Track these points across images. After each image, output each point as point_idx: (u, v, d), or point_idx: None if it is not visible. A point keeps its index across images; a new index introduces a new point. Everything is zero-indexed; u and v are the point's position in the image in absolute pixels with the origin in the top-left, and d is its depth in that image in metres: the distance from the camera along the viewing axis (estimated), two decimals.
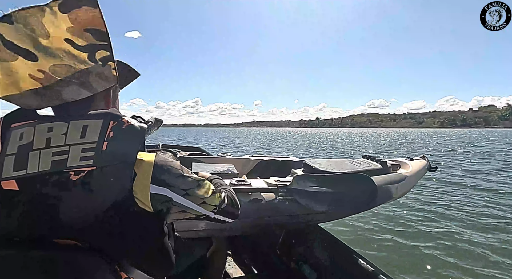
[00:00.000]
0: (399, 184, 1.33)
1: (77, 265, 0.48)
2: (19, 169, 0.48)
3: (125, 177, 0.49)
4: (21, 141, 0.49)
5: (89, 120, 0.51)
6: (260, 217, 1.04)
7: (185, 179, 0.57)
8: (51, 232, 0.49)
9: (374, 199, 1.14)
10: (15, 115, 0.53)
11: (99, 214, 0.48)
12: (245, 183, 1.07)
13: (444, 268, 2.59)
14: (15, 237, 0.50)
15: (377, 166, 1.40)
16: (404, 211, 4.16)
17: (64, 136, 0.49)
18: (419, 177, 1.62)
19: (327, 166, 1.31)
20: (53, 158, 0.48)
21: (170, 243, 0.65)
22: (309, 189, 1.06)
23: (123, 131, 0.52)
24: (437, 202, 4.64)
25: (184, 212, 0.58)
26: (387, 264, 2.64)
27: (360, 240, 3.21)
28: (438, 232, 3.40)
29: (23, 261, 0.47)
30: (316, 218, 1.18)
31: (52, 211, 0.48)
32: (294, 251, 1.42)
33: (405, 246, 3.03)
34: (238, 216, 0.71)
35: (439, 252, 2.87)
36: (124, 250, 0.53)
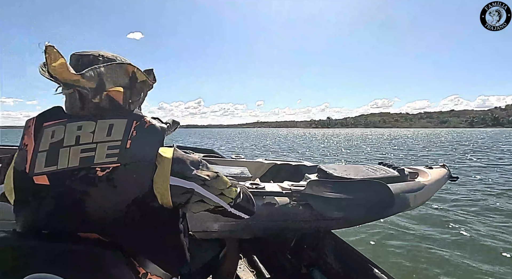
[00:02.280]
0: (417, 192, 1.29)
1: (98, 258, 0.50)
2: (50, 164, 0.51)
3: (147, 174, 0.52)
4: (53, 139, 0.53)
5: (115, 120, 0.54)
6: (273, 220, 1.04)
7: (203, 171, 0.59)
8: (76, 225, 0.52)
9: (391, 207, 1.11)
10: (47, 115, 0.57)
11: (122, 209, 0.51)
12: (259, 186, 1.07)
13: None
14: (43, 230, 0.53)
15: (394, 174, 1.37)
16: (423, 221, 4.00)
17: (92, 134, 0.52)
18: (438, 186, 1.56)
19: (342, 171, 1.29)
20: (81, 155, 0.51)
21: (185, 241, 0.67)
22: (324, 195, 1.05)
23: (145, 130, 0.54)
24: (460, 211, 4.42)
25: (202, 202, 0.59)
26: (403, 275, 2.55)
27: (375, 248, 3.11)
28: (460, 243, 3.24)
29: (49, 253, 0.50)
30: (330, 224, 1.16)
31: (79, 205, 0.50)
32: (305, 256, 1.40)
33: (422, 257, 2.90)
34: (253, 212, 0.72)
35: (460, 265, 2.72)
36: (142, 245, 0.55)
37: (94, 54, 0.58)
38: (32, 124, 0.55)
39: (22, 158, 0.53)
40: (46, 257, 0.49)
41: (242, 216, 0.68)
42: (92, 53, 0.58)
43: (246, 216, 0.69)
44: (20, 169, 0.53)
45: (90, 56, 0.57)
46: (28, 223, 0.54)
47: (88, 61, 0.56)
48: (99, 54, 0.58)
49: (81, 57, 0.57)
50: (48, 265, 0.49)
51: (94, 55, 0.57)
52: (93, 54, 0.58)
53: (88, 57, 0.57)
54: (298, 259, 1.46)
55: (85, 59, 0.56)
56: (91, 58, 0.57)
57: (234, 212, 0.66)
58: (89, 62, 0.56)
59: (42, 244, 0.51)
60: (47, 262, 0.49)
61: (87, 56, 0.57)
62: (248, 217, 0.70)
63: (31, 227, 0.54)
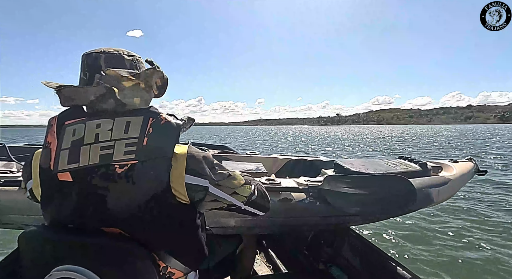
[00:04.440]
0: (441, 187, 1.23)
1: (124, 251, 0.52)
2: (72, 162, 0.53)
3: (164, 170, 0.52)
4: (74, 137, 0.54)
5: (131, 117, 0.55)
6: (290, 216, 1.03)
7: (217, 169, 0.59)
8: (99, 220, 0.53)
9: (412, 203, 1.07)
10: (68, 114, 0.59)
11: (141, 204, 0.52)
12: (275, 182, 1.06)
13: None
14: (68, 224, 0.55)
15: (415, 168, 1.31)
16: (448, 217, 3.82)
17: (110, 132, 0.53)
18: (464, 180, 1.48)
19: (360, 166, 1.25)
20: (101, 152, 0.52)
21: (203, 235, 0.67)
22: (341, 190, 1.02)
23: (161, 127, 0.55)
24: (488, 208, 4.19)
25: (216, 201, 0.60)
26: (426, 274, 2.45)
27: (396, 245, 3.02)
28: (487, 241, 3.07)
29: (77, 245, 0.52)
30: (348, 220, 1.13)
31: (100, 201, 0.52)
32: (322, 252, 1.39)
33: (446, 255, 2.78)
34: (268, 209, 0.71)
35: (486, 264, 2.59)
36: (162, 239, 0.56)
37: (119, 51, 0.61)
38: (54, 123, 0.57)
39: (46, 156, 0.55)
40: (75, 249, 0.52)
41: (257, 213, 0.68)
42: (116, 50, 0.61)
43: (261, 213, 0.69)
44: (45, 166, 0.55)
45: (115, 54, 0.60)
46: (54, 218, 0.56)
47: (116, 59, 0.59)
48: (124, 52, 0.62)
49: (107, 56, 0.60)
50: (76, 257, 0.51)
51: (119, 54, 0.61)
52: (118, 51, 0.61)
53: (113, 55, 0.60)
54: (316, 255, 1.44)
55: (111, 58, 0.59)
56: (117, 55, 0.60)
57: (248, 209, 0.66)
58: (116, 61, 0.59)
59: (70, 237, 0.53)
60: (76, 254, 0.51)
61: (112, 54, 0.60)
62: (263, 213, 0.70)
63: (56, 222, 0.56)
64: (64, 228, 0.55)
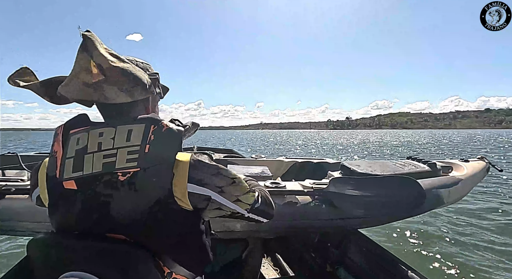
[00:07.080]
0: (451, 188, 1.20)
1: (125, 257, 0.52)
2: (77, 170, 0.54)
3: (166, 177, 0.52)
4: (78, 145, 0.55)
5: (133, 125, 0.55)
6: (295, 220, 1.02)
7: (220, 177, 0.59)
8: (103, 227, 0.54)
9: (421, 205, 1.04)
10: (73, 122, 0.60)
11: (144, 211, 0.52)
12: (280, 185, 1.06)
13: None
14: (74, 231, 0.56)
15: (424, 168, 1.28)
16: (461, 217, 3.73)
17: (112, 140, 0.54)
18: (476, 180, 1.44)
19: (367, 167, 1.23)
20: (104, 160, 0.53)
21: (207, 241, 0.67)
22: (347, 192, 1.00)
23: (163, 134, 0.55)
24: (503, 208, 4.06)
25: (219, 209, 0.60)
26: (438, 277, 2.39)
27: (405, 246, 2.96)
28: (503, 245, 2.97)
29: (86, 251, 0.52)
30: (354, 223, 1.12)
31: (104, 208, 0.53)
32: (329, 254, 1.37)
33: (458, 258, 2.71)
34: (272, 216, 0.71)
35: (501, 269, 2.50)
36: (166, 245, 0.56)
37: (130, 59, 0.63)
38: (60, 132, 0.58)
39: (53, 164, 0.56)
40: (83, 254, 0.52)
41: (261, 220, 0.67)
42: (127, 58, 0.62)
43: (265, 220, 0.68)
44: (52, 174, 0.56)
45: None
46: (60, 225, 0.57)
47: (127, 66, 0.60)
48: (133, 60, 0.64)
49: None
50: (85, 262, 0.52)
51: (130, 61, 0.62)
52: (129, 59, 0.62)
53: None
54: (323, 257, 1.42)
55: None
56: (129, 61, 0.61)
57: (252, 217, 0.65)
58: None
59: (75, 243, 0.53)
60: (84, 259, 0.52)
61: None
62: (267, 220, 0.69)
63: (63, 229, 0.57)
64: (71, 234, 0.56)
